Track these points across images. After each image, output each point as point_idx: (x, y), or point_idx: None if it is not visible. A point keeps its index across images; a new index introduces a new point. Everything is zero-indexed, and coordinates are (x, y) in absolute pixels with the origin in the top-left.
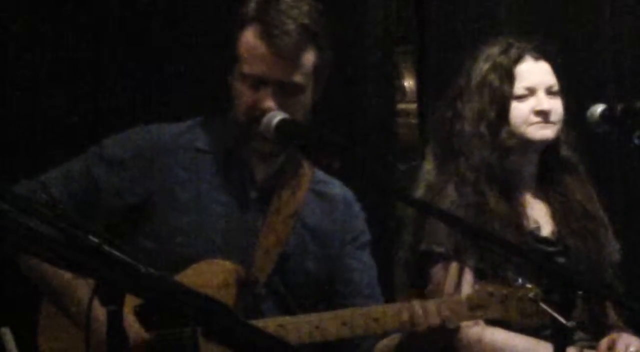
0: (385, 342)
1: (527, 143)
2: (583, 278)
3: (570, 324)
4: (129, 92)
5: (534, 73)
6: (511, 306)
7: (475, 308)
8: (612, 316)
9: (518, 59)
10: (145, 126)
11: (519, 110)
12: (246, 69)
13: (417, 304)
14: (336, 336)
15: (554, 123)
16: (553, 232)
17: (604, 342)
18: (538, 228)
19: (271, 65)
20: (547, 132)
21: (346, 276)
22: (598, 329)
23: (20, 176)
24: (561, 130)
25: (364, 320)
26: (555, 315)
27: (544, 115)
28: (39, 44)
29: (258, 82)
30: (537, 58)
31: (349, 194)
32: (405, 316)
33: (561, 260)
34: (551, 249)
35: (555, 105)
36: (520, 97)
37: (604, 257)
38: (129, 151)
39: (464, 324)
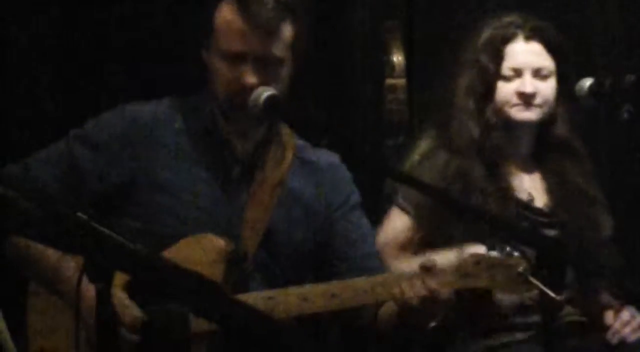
0: (386, 310)
1: (510, 123)
2: (573, 251)
3: (559, 297)
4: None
5: (522, 54)
6: (499, 275)
7: (464, 277)
8: (604, 293)
9: (509, 39)
10: (124, 107)
11: (504, 91)
12: (224, 45)
13: (403, 278)
14: (325, 308)
15: (538, 106)
16: (547, 205)
17: (609, 313)
18: (532, 200)
19: (250, 39)
20: (528, 114)
21: (340, 239)
22: (588, 305)
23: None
24: (553, 110)
25: (353, 292)
26: (544, 289)
27: (526, 97)
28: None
29: (237, 58)
30: (528, 39)
31: (333, 158)
32: (394, 289)
33: (553, 232)
34: (544, 219)
35: (542, 88)
36: (507, 78)
37: (599, 236)
38: (110, 133)
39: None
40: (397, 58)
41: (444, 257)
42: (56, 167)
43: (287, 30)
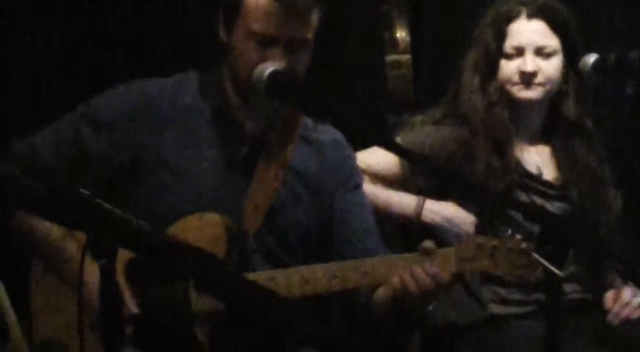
0: (382, 290)
1: (513, 101)
2: (580, 229)
3: (562, 274)
4: None
5: (524, 33)
6: (501, 258)
7: (464, 261)
8: (610, 271)
9: (512, 18)
10: (131, 84)
11: (506, 69)
12: (255, 27)
13: (404, 261)
14: (327, 288)
15: (540, 84)
16: (556, 180)
17: (609, 295)
18: (540, 173)
19: (283, 23)
20: (529, 93)
21: (340, 219)
22: (594, 283)
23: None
24: (560, 88)
25: (354, 273)
26: (547, 265)
27: (527, 76)
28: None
29: (267, 40)
30: (531, 17)
31: (338, 136)
32: (394, 278)
33: (561, 205)
34: (552, 192)
35: (545, 66)
36: (509, 56)
37: (607, 214)
38: (116, 111)
39: None
40: (402, 34)
41: (404, 199)
42: (61, 145)
43: (316, 15)
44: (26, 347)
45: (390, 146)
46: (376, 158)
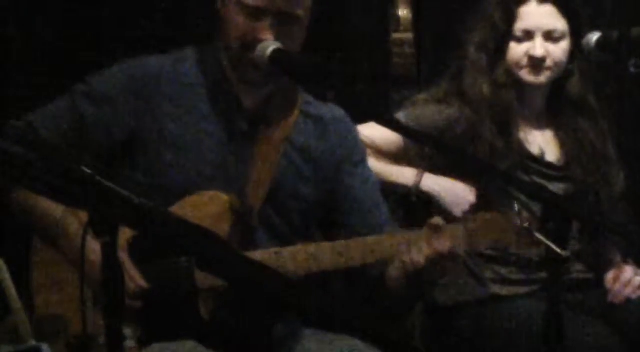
0: (394, 269)
1: (521, 83)
2: (584, 207)
3: (565, 253)
4: None
5: (534, 16)
6: (508, 232)
7: (473, 235)
8: (611, 250)
9: (522, 0)
10: (130, 60)
11: (515, 52)
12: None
13: (411, 237)
14: (332, 266)
15: (548, 68)
16: (559, 160)
17: (609, 276)
18: (543, 154)
19: None
20: (538, 77)
21: (346, 194)
22: (596, 261)
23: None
24: (566, 68)
25: (360, 250)
26: (550, 244)
27: (536, 60)
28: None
29: (257, 12)
30: (542, 1)
31: (339, 111)
32: (404, 256)
33: (564, 186)
34: (555, 173)
35: (553, 50)
36: (518, 38)
37: (610, 193)
38: (115, 87)
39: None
40: (404, 12)
41: (404, 171)
42: (61, 122)
43: None
44: (28, 323)
45: (393, 124)
46: (379, 133)
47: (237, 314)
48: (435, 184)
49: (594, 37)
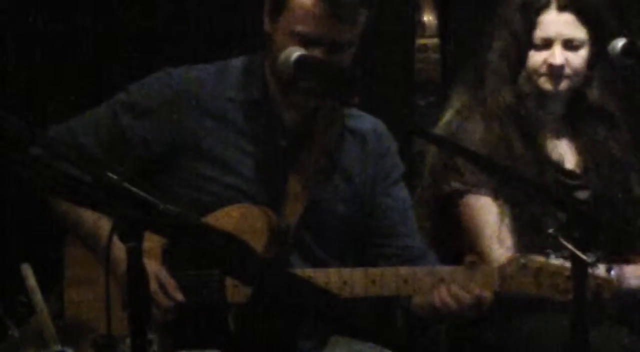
0: (421, 298)
1: (541, 92)
2: (605, 215)
3: (590, 260)
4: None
5: (554, 25)
6: (544, 280)
7: (507, 279)
8: (633, 256)
9: (542, 7)
10: (170, 71)
11: (534, 59)
12: (299, 28)
13: (443, 275)
14: (364, 293)
15: (567, 77)
16: (577, 168)
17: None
18: (562, 161)
19: (328, 27)
20: (557, 86)
21: (380, 214)
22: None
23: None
24: (585, 78)
25: (394, 280)
26: (575, 250)
27: (555, 68)
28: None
29: (309, 41)
30: (561, 9)
31: (379, 125)
32: (434, 298)
33: (584, 194)
34: (574, 182)
35: (573, 59)
36: (538, 46)
37: (630, 201)
38: (155, 99)
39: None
40: (429, 18)
41: None
42: (100, 131)
43: (363, 17)
44: (52, 327)
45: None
46: (485, 222)
47: (264, 328)
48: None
49: (620, 43)
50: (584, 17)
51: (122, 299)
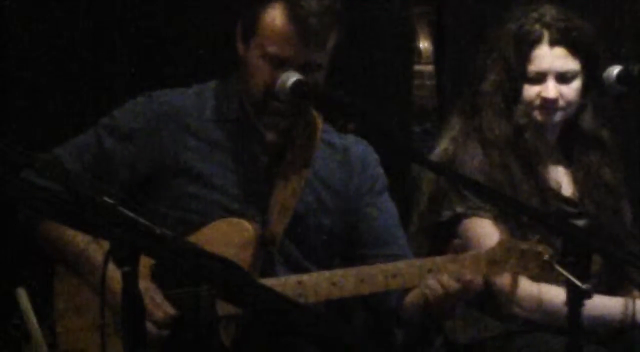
0: (413, 295)
1: (537, 123)
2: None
3: (585, 286)
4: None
5: (547, 59)
6: (530, 261)
7: (494, 264)
8: (628, 282)
9: (535, 42)
10: (152, 94)
11: (529, 93)
12: (270, 49)
13: (431, 264)
14: (354, 292)
15: (562, 109)
16: (573, 195)
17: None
18: (560, 189)
19: (298, 48)
20: (551, 118)
21: (366, 225)
22: (612, 293)
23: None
24: (578, 108)
25: (382, 277)
26: (570, 277)
27: (548, 102)
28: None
29: (281, 62)
30: (553, 44)
31: (360, 141)
32: (424, 275)
33: (582, 221)
34: (572, 209)
35: (566, 91)
36: (532, 80)
37: (623, 227)
38: (138, 122)
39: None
40: (425, 44)
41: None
42: (85, 156)
43: (332, 39)
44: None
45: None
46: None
47: (258, 342)
48: None
49: (615, 70)
50: (576, 49)
51: (116, 323)
